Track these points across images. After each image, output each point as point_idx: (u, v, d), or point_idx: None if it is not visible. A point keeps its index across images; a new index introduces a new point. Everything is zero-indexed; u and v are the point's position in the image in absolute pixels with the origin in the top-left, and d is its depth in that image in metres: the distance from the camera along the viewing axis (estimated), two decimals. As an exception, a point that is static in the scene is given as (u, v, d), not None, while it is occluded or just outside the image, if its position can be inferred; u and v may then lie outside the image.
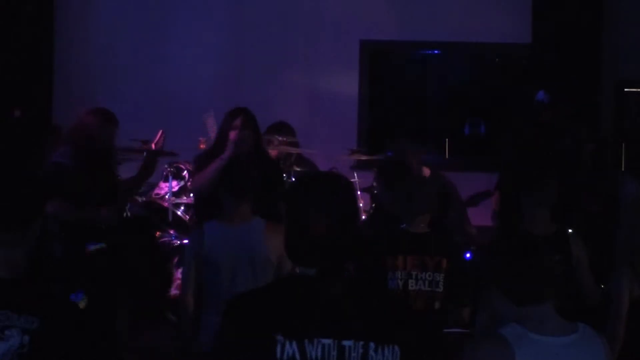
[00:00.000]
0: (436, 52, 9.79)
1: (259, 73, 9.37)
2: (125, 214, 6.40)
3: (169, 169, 7.28)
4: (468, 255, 6.70)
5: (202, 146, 6.98)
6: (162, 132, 6.24)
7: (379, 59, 9.65)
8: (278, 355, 2.29)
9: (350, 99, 9.41)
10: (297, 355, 2.29)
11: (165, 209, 7.24)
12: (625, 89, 8.98)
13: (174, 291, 6.78)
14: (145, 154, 6.17)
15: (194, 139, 7.15)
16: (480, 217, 6.21)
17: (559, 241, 4.40)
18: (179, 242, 7.09)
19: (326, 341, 2.31)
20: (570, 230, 4.58)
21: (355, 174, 7.49)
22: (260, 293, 2.44)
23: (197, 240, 4.42)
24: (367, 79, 9.50)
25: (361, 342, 2.32)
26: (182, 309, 4.45)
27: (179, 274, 6.71)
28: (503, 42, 9.29)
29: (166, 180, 7.24)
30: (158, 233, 7.43)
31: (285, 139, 7.14)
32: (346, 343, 2.32)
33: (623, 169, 8.41)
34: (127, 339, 5.91)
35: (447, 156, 9.61)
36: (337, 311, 2.34)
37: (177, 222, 7.30)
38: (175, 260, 6.91)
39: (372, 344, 2.32)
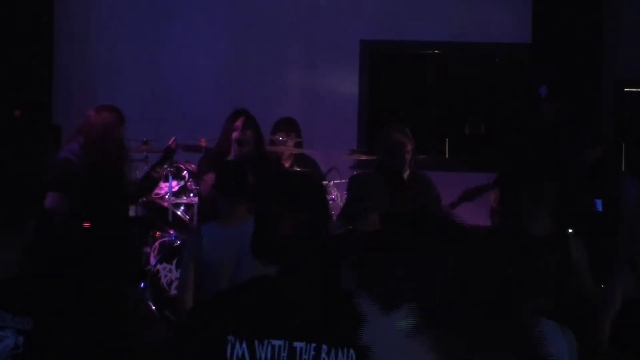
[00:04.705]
0: (436, 52, 9.78)
1: (259, 73, 9.37)
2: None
3: (169, 169, 7.27)
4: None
5: (202, 144, 6.98)
6: (175, 139, 6.34)
7: (379, 59, 9.65)
8: (228, 355, 2.30)
9: (350, 99, 9.40)
10: (247, 356, 2.30)
11: (165, 209, 7.24)
12: (625, 89, 8.97)
13: (173, 291, 6.79)
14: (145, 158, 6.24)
15: (194, 139, 7.15)
16: (475, 216, 6.18)
17: (558, 241, 4.38)
18: (179, 242, 7.10)
19: (277, 342, 2.31)
20: (570, 231, 4.56)
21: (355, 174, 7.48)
22: (223, 295, 2.48)
23: (194, 241, 4.44)
24: (367, 79, 9.49)
25: (313, 345, 2.30)
26: (181, 309, 4.46)
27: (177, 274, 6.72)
28: (503, 42, 9.29)
29: (166, 180, 7.23)
30: (158, 233, 7.43)
31: (286, 139, 7.15)
32: (298, 345, 2.31)
33: (623, 169, 8.41)
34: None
35: (447, 156, 9.61)
36: (292, 312, 2.34)
37: (177, 222, 7.30)
38: (175, 260, 6.92)
39: (324, 347, 2.30)
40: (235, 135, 5.74)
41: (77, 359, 2.49)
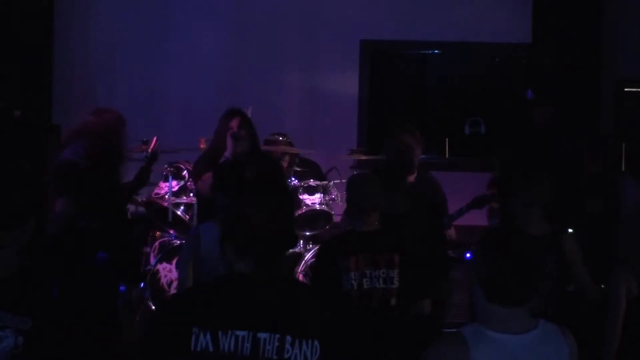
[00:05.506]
0: (436, 52, 9.79)
1: (259, 73, 9.37)
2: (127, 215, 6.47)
3: (169, 169, 7.27)
4: (468, 255, 6.67)
5: (202, 146, 6.98)
6: (157, 139, 6.32)
7: (379, 59, 9.65)
8: (192, 346, 2.34)
9: (350, 99, 9.41)
10: (210, 347, 2.34)
11: (165, 209, 7.25)
12: (625, 89, 8.98)
13: (172, 291, 6.80)
14: (144, 158, 6.24)
15: (194, 139, 7.15)
16: (476, 216, 6.20)
17: (552, 241, 4.38)
18: (178, 242, 7.10)
19: (240, 333, 2.34)
20: (570, 230, 4.56)
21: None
22: (191, 290, 2.61)
23: (193, 241, 4.45)
24: (367, 79, 9.50)
25: (277, 335, 2.34)
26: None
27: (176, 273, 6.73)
28: (503, 42, 9.30)
29: (166, 180, 7.23)
30: (158, 233, 7.43)
31: (285, 138, 7.16)
32: (261, 335, 2.35)
33: (623, 169, 8.41)
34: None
35: (447, 156, 9.62)
36: (257, 304, 2.38)
37: (177, 222, 7.30)
38: (175, 260, 6.93)
39: (288, 338, 2.34)
40: (231, 134, 5.76)
41: (76, 358, 2.50)
